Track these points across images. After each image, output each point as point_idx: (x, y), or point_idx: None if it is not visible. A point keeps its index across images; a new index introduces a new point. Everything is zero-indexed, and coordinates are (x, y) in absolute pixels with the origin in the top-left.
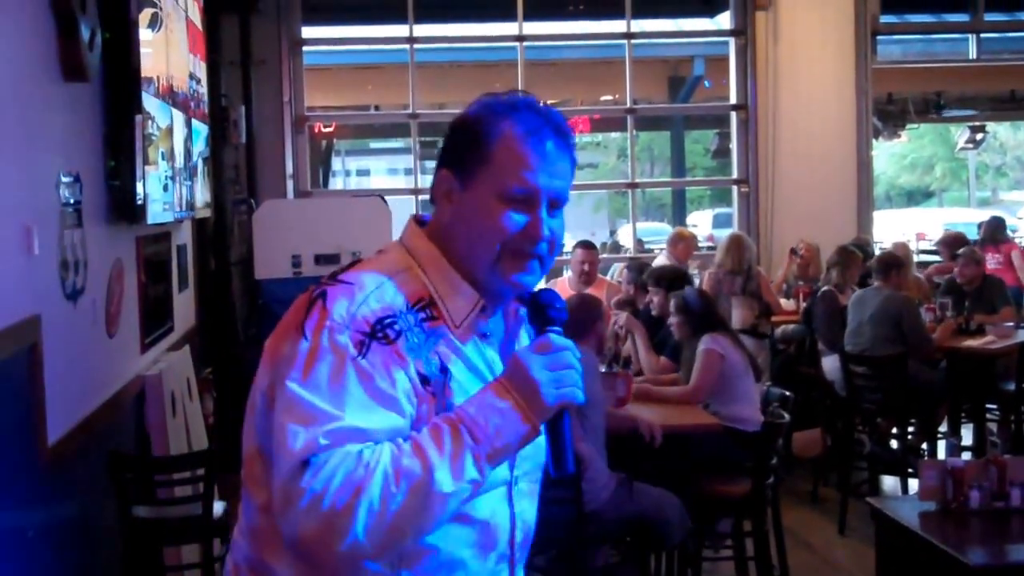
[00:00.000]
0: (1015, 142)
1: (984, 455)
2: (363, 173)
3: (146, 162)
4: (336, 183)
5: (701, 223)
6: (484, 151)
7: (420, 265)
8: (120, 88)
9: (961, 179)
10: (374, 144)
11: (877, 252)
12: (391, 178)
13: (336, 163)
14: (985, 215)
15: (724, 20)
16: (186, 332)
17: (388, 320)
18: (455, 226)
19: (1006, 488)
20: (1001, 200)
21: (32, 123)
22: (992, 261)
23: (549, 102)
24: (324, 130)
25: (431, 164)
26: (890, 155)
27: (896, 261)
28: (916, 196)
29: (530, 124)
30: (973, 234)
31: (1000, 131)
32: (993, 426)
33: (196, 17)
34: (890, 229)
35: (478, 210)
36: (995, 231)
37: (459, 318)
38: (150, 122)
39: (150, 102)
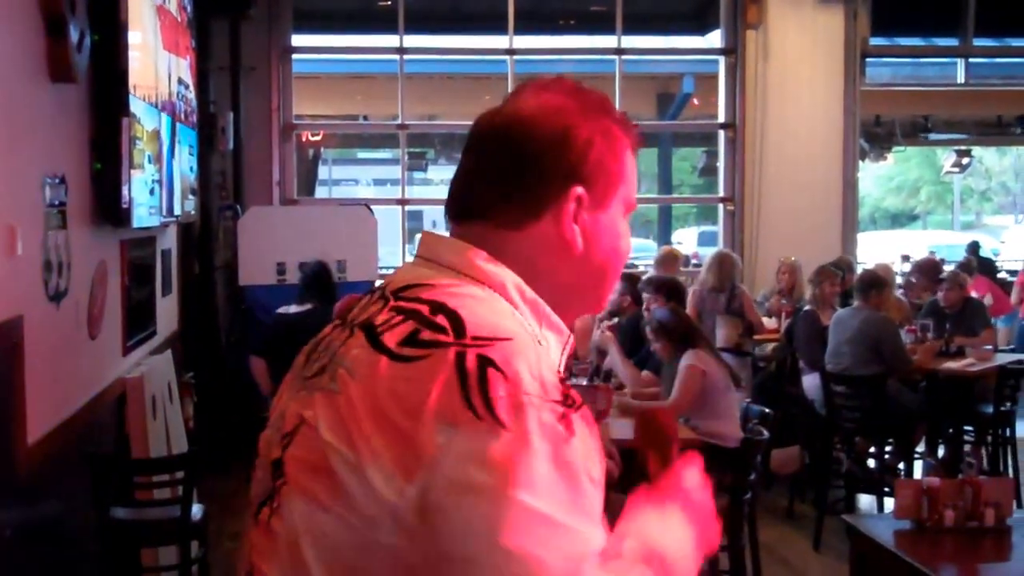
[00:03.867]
0: (1000, 167)
1: (958, 476)
2: (350, 183)
3: (132, 166)
4: (323, 192)
5: (686, 240)
6: (622, 165)
7: (511, 303)
8: (107, 90)
9: (946, 203)
10: (362, 154)
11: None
12: (378, 188)
13: (323, 172)
14: (968, 239)
15: (715, 38)
16: (169, 336)
17: (562, 379)
18: (570, 250)
19: (980, 508)
20: (984, 224)
21: (17, 123)
22: None
23: None
24: (312, 139)
25: (420, 175)
26: (876, 177)
27: (876, 281)
28: (901, 218)
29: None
30: (957, 256)
31: (986, 156)
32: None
33: (185, 22)
34: (874, 251)
35: (615, 232)
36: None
37: (559, 364)
38: (137, 125)
39: (137, 105)
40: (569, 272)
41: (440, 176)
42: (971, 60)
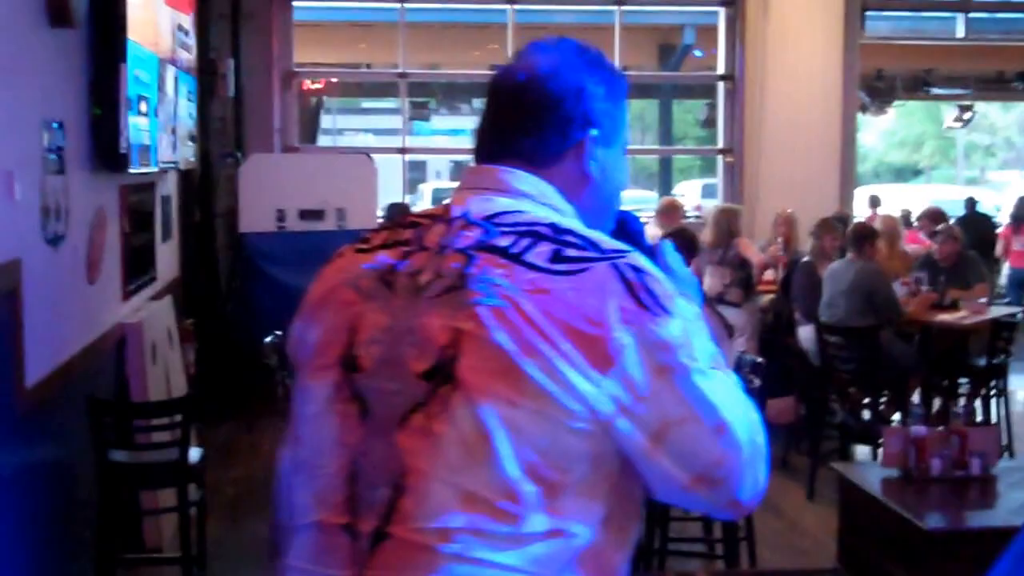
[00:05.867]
0: (1004, 123)
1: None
2: (353, 132)
3: (131, 111)
4: (327, 141)
5: (689, 193)
6: (622, 106)
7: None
8: (107, 35)
9: (950, 158)
10: (366, 104)
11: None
12: (381, 138)
13: (327, 121)
14: (971, 193)
15: None
16: (169, 283)
17: None
18: (589, 183)
19: (966, 457)
20: (988, 180)
21: (16, 68)
22: (1019, 243)
23: None
24: (313, 86)
25: (420, 124)
26: (881, 132)
27: (869, 232)
28: (905, 173)
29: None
30: (959, 211)
31: (991, 111)
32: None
33: None
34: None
35: (619, 165)
36: None
37: None
38: (136, 71)
39: (136, 50)
40: (588, 200)
41: (444, 125)
42: (971, 15)
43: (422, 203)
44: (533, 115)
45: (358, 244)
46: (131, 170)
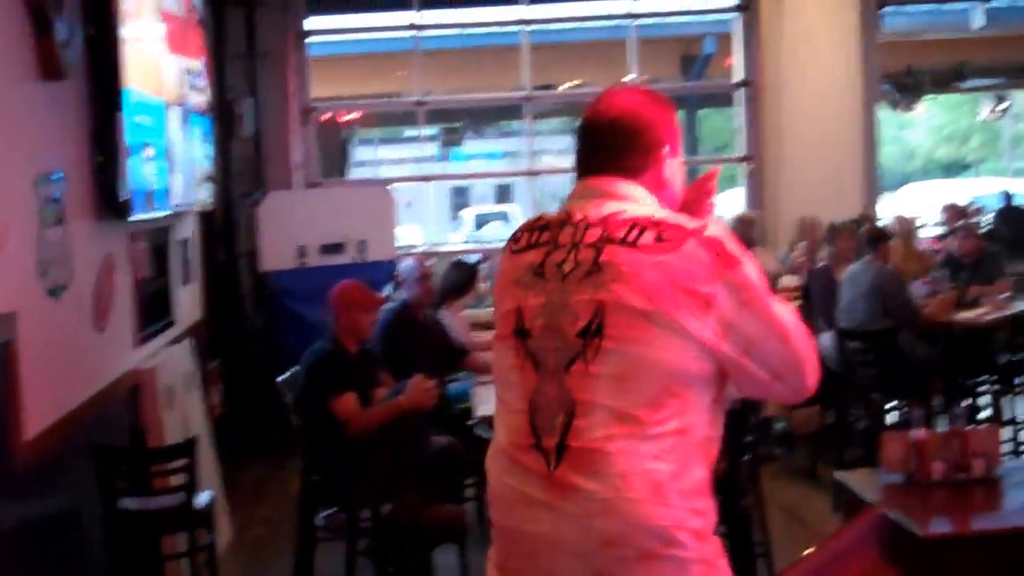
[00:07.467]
0: None
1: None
2: (391, 162)
3: (133, 157)
4: (366, 172)
5: (731, 201)
6: (678, 132)
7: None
8: (102, 85)
9: (998, 150)
10: (407, 132)
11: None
12: (423, 166)
13: (367, 153)
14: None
15: None
16: (191, 325)
17: None
18: (666, 184)
19: (968, 459)
20: None
21: (5, 122)
22: None
23: (565, 85)
24: (346, 118)
25: (455, 150)
26: (928, 128)
27: (882, 234)
28: (954, 168)
29: None
30: (994, 203)
31: None
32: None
33: (196, 20)
34: (922, 202)
35: (682, 174)
36: None
37: None
38: (137, 117)
39: (139, 97)
40: (664, 199)
41: (477, 149)
42: (989, 5)
43: (463, 229)
44: (627, 141)
45: (512, 245)
46: (135, 216)
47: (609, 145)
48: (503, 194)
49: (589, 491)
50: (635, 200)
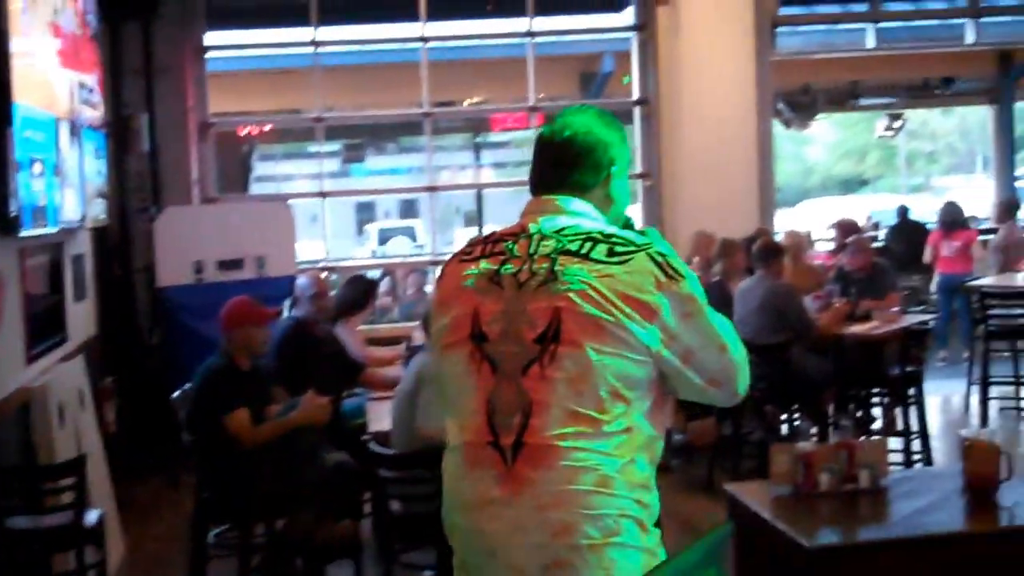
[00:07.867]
0: (945, 128)
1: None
2: (292, 178)
3: (24, 173)
4: (268, 187)
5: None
6: (626, 148)
7: None
8: None
9: (894, 166)
10: (312, 148)
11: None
12: (328, 181)
13: (268, 168)
14: (914, 200)
15: (630, 16)
16: (85, 341)
17: None
18: (614, 201)
19: (855, 470)
20: (933, 186)
21: None
22: (947, 249)
23: (467, 102)
24: (245, 133)
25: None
26: (826, 144)
27: (775, 249)
28: (851, 184)
29: None
30: (891, 219)
31: (931, 118)
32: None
33: (89, 34)
34: (820, 218)
35: (626, 188)
36: (954, 217)
37: None
38: (27, 132)
39: (28, 112)
40: (612, 212)
41: (382, 165)
42: (880, 25)
43: (368, 244)
44: (579, 159)
45: (461, 255)
46: (25, 232)
47: (562, 163)
48: (408, 209)
49: (542, 484)
50: (585, 215)
